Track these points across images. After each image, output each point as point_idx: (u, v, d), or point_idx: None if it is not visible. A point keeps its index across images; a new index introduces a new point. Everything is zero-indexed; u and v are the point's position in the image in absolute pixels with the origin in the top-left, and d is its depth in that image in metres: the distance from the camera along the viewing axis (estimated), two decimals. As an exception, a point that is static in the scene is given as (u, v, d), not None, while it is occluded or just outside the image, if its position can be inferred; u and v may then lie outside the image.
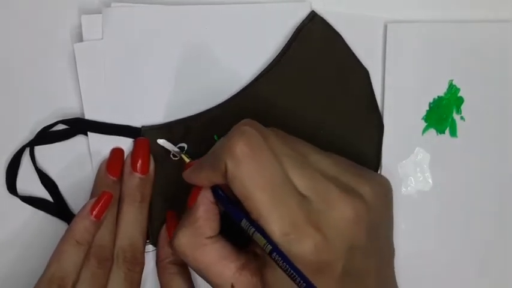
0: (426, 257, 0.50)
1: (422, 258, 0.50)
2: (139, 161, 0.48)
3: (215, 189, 0.42)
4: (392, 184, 0.49)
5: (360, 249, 0.39)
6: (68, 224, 0.48)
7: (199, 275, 0.41)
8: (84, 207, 0.45)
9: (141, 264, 0.47)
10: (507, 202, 0.50)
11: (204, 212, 0.41)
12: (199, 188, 0.42)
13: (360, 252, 0.39)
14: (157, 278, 0.48)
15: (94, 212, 0.44)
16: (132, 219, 0.47)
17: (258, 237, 0.38)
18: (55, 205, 0.49)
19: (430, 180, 0.50)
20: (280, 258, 0.37)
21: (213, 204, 0.42)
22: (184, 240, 0.41)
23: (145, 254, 0.48)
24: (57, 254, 0.44)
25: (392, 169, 0.50)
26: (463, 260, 0.50)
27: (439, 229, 0.50)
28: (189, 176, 0.42)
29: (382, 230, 0.43)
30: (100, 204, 0.45)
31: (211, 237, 0.41)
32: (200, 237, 0.41)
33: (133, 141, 0.49)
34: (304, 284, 0.36)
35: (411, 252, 0.50)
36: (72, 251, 0.44)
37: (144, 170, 0.48)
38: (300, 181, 0.38)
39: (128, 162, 0.48)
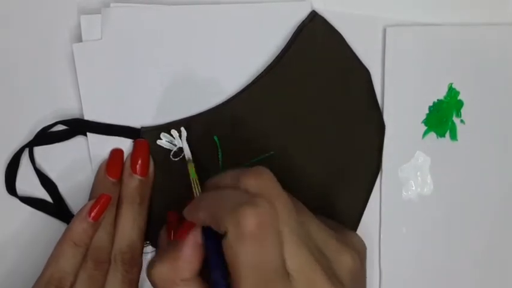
0: (427, 261, 0.51)
1: (423, 262, 0.51)
2: (139, 163, 0.47)
3: (207, 233, 0.40)
4: (392, 188, 0.50)
5: None
6: (68, 224, 0.49)
7: None
8: (82, 209, 0.45)
9: (139, 266, 0.47)
10: (508, 205, 0.50)
11: (189, 252, 0.40)
12: (191, 225, 0.41)
13: None
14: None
15: (92, 214, 0.44)
16: (130, 221, 0.47)
17: None
18: (54, 206, 0.49)
19: (431, 184, 0.50)
20: None
21: (199, 247, 0.40)
22: (159, 273, 0.40)
23: (144, 255, 0.48)
24: (55, 255, 0.44)
25: (392, 173, 0.50)
26: (464, 263, 0.51)
27: (440, 233, 0.51)
28: (188, 212, 0.41)
29: None
30: (98, 207, 0.45)
31: (187, 280, 0.40)
32: (176, 277, 0.40)
33: (133, 142, 0.49)
34: None
35: (412, 255, 0.51)
36: (70, 252, 0.44)
37: (144, 172, 0.47)
38: (292, 259, 0.37)
39: (128, 164, 0.48)
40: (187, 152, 0.48)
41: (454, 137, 0.50)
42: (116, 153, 0.48)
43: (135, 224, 0.47)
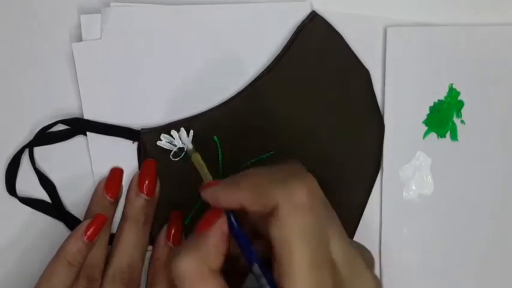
0: (428, 261, 0.51)
1: (424, 262, 0.51)
2: (146, 182, 0.47)
3: (231, 222, 0.38)
4: (393, 188, 0.50)
5: None
6: (66, 225, 0.49)
7: None
8: (78, 228, 0.45)
9: (137, 286, 0.47)
10: (508, 205, 0.50)
11: (217, 240, 0.37)
12: (215, 214, 0.38)
13: None
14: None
15: (88, 234, 0.44)
16: (133, 241, 0.46)
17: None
18: (53, 206, 0.49)
19: (432, 184, 0.50)
20: None
21: (226, 236, 0.38)
22: (186, 265, 0.36)
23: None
24: (48, 273, 0.44)
25: (393, 173, 0.50)
26: (465, 263, 0.51)
27: (441, 233, 0.51)
28: (215, 193, 0.38)
29: None
30: (94, 227, 0.44)
31: (214, 271, 0.37)
32: (204, 267, 0.36)
33: (141, 164, 0.48)
34: None
35: (413, 256, 0.51)
36: (63, 271, 0.44)
37: (151, 192, 0.47)
38: (335, 246, 0.36)
39: (134, 183, 0.48)
40: (189, 146, 0.47)
41: (454, 137, 0.50)
42: (116, 172, 0.48)
43: (138, 244, 0.47)
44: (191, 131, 0.48)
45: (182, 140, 0.48)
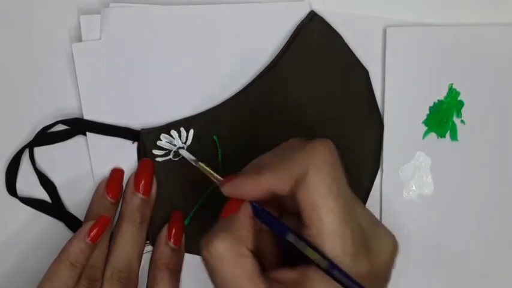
0: (428, 261, 0.51)
1: (424, 262, 0.51)
2: (142, 182, 0.47)
3: (254, 205, 0.39)
4: (393, 188, 0.50)
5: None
6: (66, 225, 0.49)
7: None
8: (81, 229, 0.45)
9: (135, 286, 0.47)
10: (508, 205, 0.50)
11: (246, 221, 0.38)
12: (236, 202, 0.39)
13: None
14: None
15: (91, 235, 0.44)
16: (130, 240, 0.47)
17: (310, 252, 0.36)
18: (53, 206, 0.49)
19: (431, 184, 0.50)
20: (339, 273, 0.36)
21: (252, 219, 0.39)
22: (225, 246, 0.37)
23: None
24: (50, 274, 0.44)
25: (393, 173, 0.50)
26: (465, 263, 0.51)
27: (441, 233, 0.51)
28: (238, 186, 0.39)
29: None
30: (97, 228, 0.45)
31: (250, 250, 0.38)
32: (242, 247, 0.37)
33: (138, 162, 0.49)
34: None
35: (412, 256, 0.50)
36: (66, 272, 0.44)
37: (147, 191, 0.47)
38: (358, 209, 0.38)
39: (131, 182, 0.48)
40: (191, 157, 0.47)
41: (454, 137, 0.50)
42: (116, 173, 0.48)
43: (135, 244, 0.47)
44: (191, 131, 0.48)
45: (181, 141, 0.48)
